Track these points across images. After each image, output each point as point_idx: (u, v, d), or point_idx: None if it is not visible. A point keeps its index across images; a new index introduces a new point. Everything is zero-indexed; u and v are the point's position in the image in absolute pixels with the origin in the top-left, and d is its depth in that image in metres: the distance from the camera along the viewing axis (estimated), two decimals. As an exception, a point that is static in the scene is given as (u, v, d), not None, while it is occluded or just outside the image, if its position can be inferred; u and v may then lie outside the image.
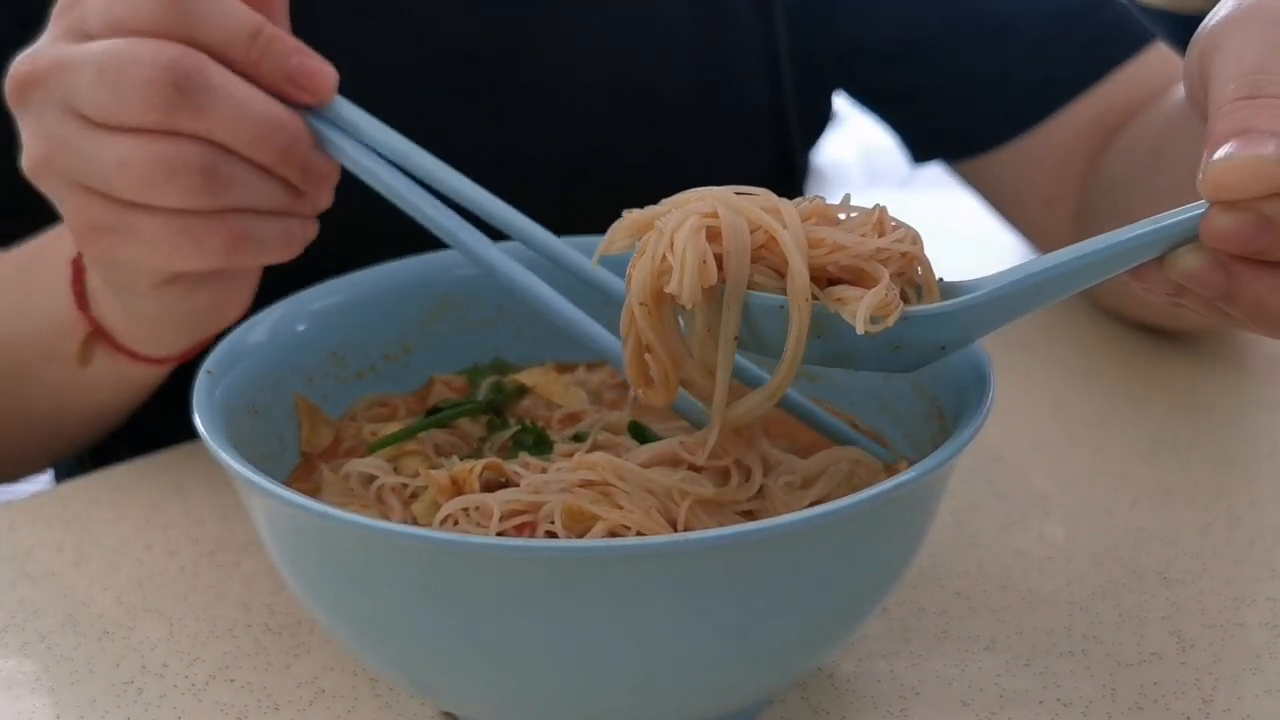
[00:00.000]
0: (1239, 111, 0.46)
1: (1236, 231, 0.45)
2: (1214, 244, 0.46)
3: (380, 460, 0.61)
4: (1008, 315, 0.52)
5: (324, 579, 0.53)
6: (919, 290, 0.53)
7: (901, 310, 0.50)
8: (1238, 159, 0.44)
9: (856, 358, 0.52)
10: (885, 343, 0.51)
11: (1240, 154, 0.44)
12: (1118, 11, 0.94)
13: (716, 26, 0.94)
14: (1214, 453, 0.80)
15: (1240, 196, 0.45)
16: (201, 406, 0.56)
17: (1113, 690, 0.61)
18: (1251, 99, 0.46)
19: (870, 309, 0.49)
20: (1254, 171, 0.44)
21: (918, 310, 0.51)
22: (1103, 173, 0.91)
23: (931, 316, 0.51)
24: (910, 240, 0.52)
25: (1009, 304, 0.51)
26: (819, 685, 0.61)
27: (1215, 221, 0.45)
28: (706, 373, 0.54)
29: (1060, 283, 0.50)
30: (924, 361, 0.53)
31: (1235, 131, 0.45)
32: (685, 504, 0.54)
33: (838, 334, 0.51)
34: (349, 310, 0.68)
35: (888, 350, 0.52)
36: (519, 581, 0.48)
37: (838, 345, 0.52)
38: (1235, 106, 0.46)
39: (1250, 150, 0.44)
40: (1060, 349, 0.93)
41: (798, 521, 0.47)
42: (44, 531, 0.73)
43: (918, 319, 0.51)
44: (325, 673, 0.63)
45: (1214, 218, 0.46)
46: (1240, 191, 0.45)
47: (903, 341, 0.51)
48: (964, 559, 0.70)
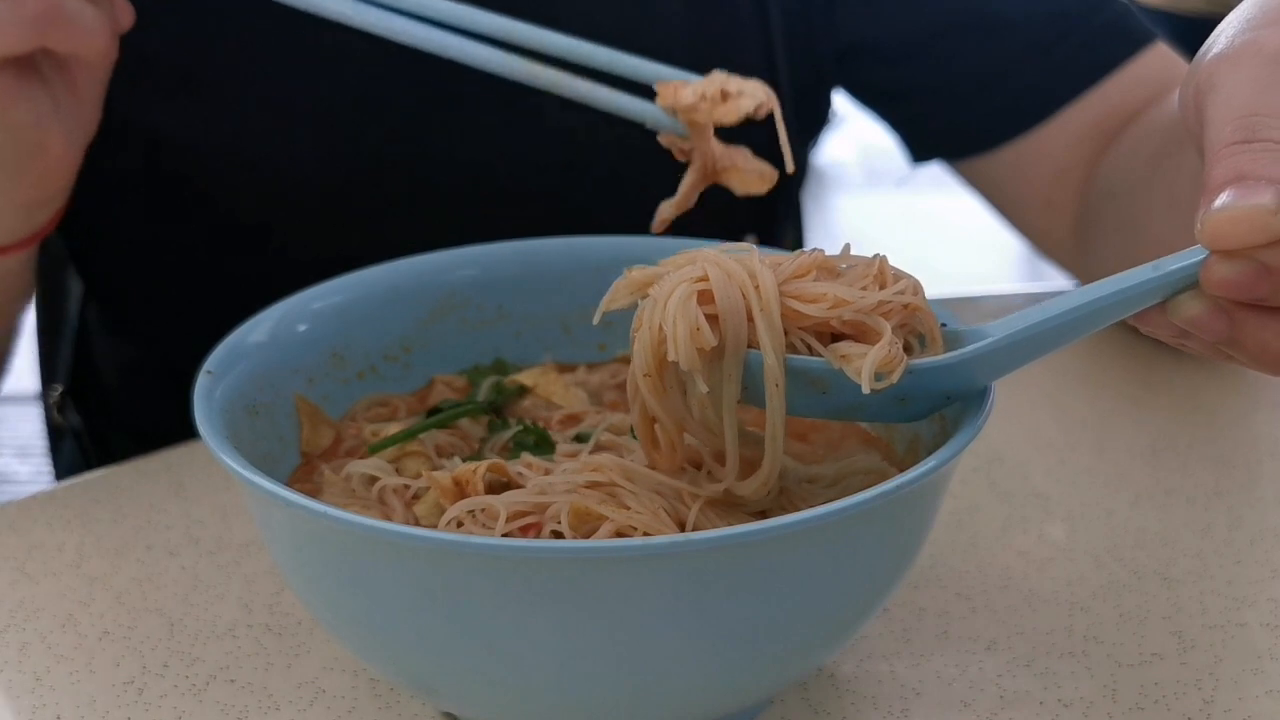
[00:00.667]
0: (1235, 156, 0.46)
1: (1236, 280, 0.45)
2: (1215, 291, 0.46)
3: (381, 461, 0.61)
4: (1012, 364, 0.52)
5: (325, 579, 0.53)
6: (922, 339, 0.53)
7: (906, 364, 0.50)
8: (1235, 209, 0.45)
9: (862, 411, 0.53)
10: (891, 397, 0.51)
11: (1237, 204, 0.45)
12: (1118, 11, 0.94)
13: (713, 25, 0.94)
14: (1215, 453, 0.80)
15: (1237, 246, 0.45)
16: (202, 406, 0.56)
17: (1113, 691, 0.61)
18: (1247, 143, 0.46)
19: (875, 366, 0.50)
20: (1251, 222, 0.44)
21: (922, 363, 0.51)
22: (1104, 174, 0.91)
23: (936, 369, 0.51)
24: (912, 291, 0.52)
25: (1012, 354, 0.51)
26: (820, 685, 0.61)
27: (1215, 270, 0.46)
28: (710, 432, 0.54)
29: (1063, 332, 0.51)
30: (931, 410, 0.53)
31: (1232, 178, 0.45)
32: (696, 506, 0.54)
33: (842, 389, 0.51)
34: (349, 310, 0.68)
35: (894, 403, 0.52)
36: (521, 582, 0.48)
37: (841, 400, 0.52)
38: (1231, 151, 0.46)
39: (1247, 200, 0.44)
40: (1061, 350, 0.93)
41: (799, 522, 0.47)
42: (44, 531, 0.73)
43: (922, 372, 0.51)
44: (325, 673, 0.63)
45: (1214, 266, 0.46)
46: (1239, 242, 0.45)
47: (908, 394, 0.51)
48: (965, 559, 0.70)
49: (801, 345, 0.52)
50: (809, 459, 0.63)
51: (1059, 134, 0.94)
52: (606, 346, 0.72)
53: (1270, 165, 0.45)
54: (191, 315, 0.91)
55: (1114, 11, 0.94)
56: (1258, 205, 0.44)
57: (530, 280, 0.70)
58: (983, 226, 1.34)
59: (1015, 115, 0.95)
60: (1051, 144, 0.94)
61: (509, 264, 0.71)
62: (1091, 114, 0.93)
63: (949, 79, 0.95)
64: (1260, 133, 0.46)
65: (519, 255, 0.71)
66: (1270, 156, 0.45)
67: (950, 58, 0.95)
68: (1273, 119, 0.46)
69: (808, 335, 0.52)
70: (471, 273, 0.70)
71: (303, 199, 0.89)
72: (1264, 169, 0.45)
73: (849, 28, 0.96)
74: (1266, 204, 0.44)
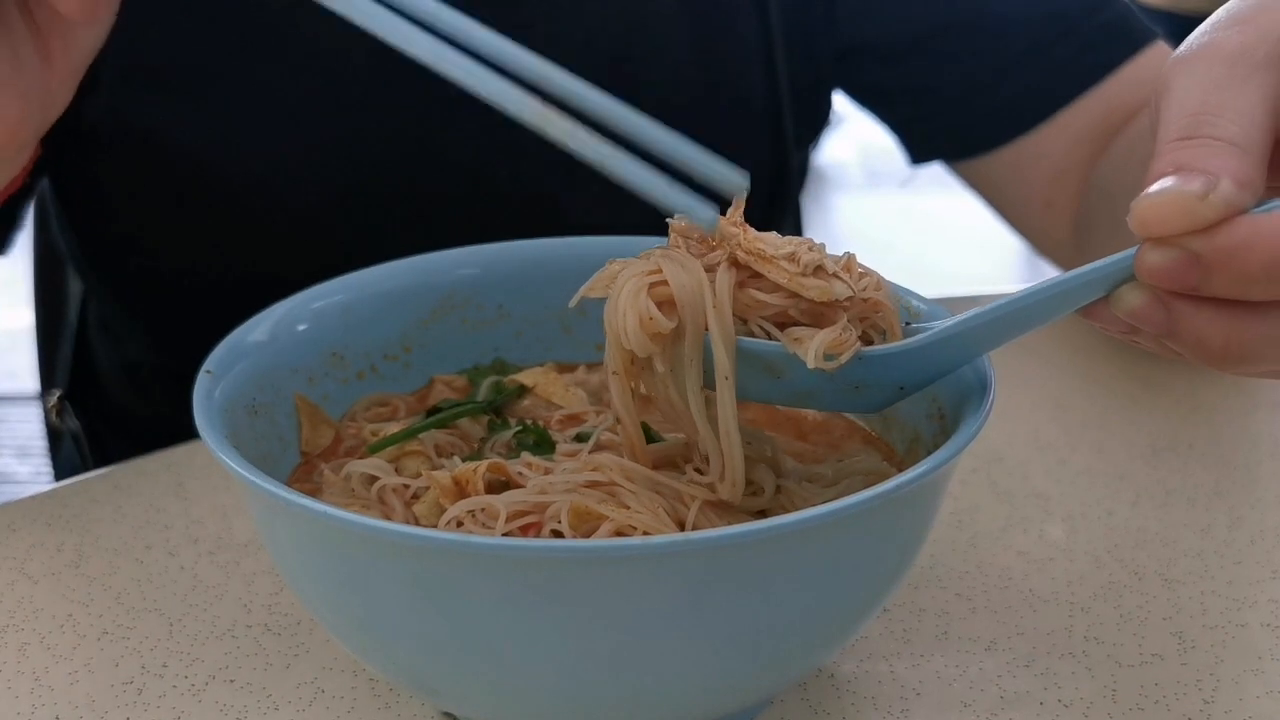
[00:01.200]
0: (1175, 151, 0.46)
1: (1166, 267, 0.46)
2: (1147, 279, 0.47)
3: (381, 461, 0.61)
4: (963, 355, 0.53)
5: (324, 579, 0.53)
6: (884, 334, 0.54)
7: (857, 350, 0.52)
8: (1163, 195, 0.45)
9: (818, 398, 0.54)
10: (845, 383, 0.53)
11: (1165, 189, 0.45)
12: (1117, 11, 0.94)
13: (711, 26, 0.94)
14: (1215, 453, 0.80)
15: (1165, 232, 0.45)
16: (201, 406, 0.56)
17: (1113, 691, 0.61)
18: (1189, 139, 0.46)
19: (823, 345, 0.51)
20: (1177, 206, 0.45)
21: (873, 350, 0.53)
22: (1102, 174, 0.91)
23: (887, 356, 0.53)
24: (874, 286, 0.54)
25: (962, 344, 0.52)
26: (819, 685, 0.61)
27: (1146, 257, 0.46)
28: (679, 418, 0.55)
29: (1010, 323, 0.51)
30: (886, 402, 0.55)
31: (1169, 171, 0.46)
32: (695, 505, 0.54)
33: (796, 373, 0.52)
34: (349, 310, 0.68)
35: (848, 390, 0.53)
36: (521, 582, 0.48)
37: (798, 385, 0.53)
38: (1173, 146, 0.47)
39: (1175, 187, 0.45)
40: (1061, 350, 0.93)
41: (799, 521, 0.47)
42: (44, 531, 0.73)
43: (874, 359, 0.53)
44: (325, 673, 0.63)
45: (1145, 253, 0.46)
46: (1165, 227, 0.45)
47: (862, 381, 0.53)
48: (964, 559, 0.70)
49: (760, 332, 0.53)
50: (809, 458, 0.63)
51: (1059, 134, 0.94)
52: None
53: (1207, 158, 0.45)
54: (191, 315, 0.91)
55: (1114, 11, 0.94)
56: (1185, 191, 0.45)
57: (530, 280, 0.70)
58: (982, 226, 1.34)
59: (1015, 116, 0.95)
60: (1051, 144, 0.94)
61: (509, 264, 0.71)
62: (1091, 114, 0.93)
63: (948, 80, 0.96)
64: (1202, 129, 0.46)
65: (519, 255, 0.71)
66: (1207, 150, 0.46)
67: (950, 59, 0.95)
68: (1216, 116, 0.46)
69: (767, 323, 0.53)
70: (472, 273, 0.70)
71: (303, 200, 0.89)
72: (1200, 161, 0.45)
73: (848, 28, 0.96)
74: (1194, 190, 0.45)
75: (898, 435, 0.65)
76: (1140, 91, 0.92)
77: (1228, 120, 0.46)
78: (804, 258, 0.52)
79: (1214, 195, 0.44)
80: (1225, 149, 0.46)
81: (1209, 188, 0.44)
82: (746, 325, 0.53)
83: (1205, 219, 0.44)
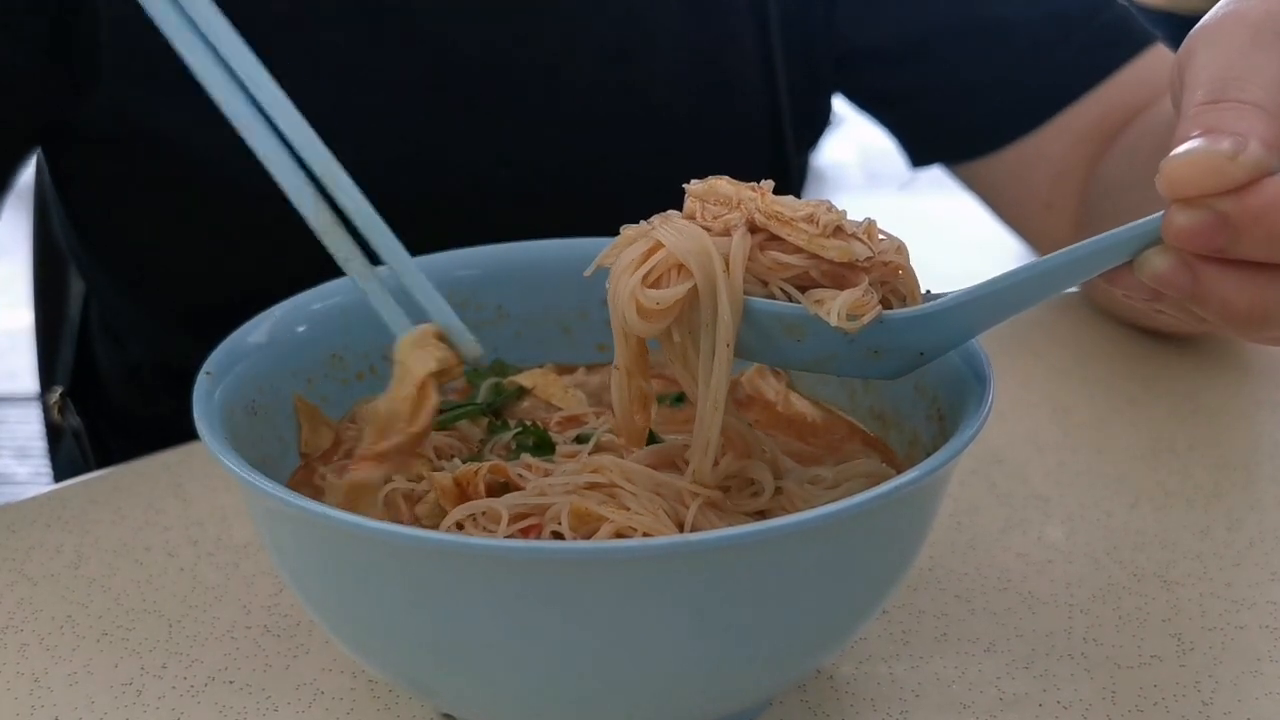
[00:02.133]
0: (1203, 115, 0.47)
1: (1194, 228, 0.45)
2: (1174, 242, 0.46)
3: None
4: (986, 320, 0.52)
5: (324, 581, 0.53)
6: (904, 300, 0.54)
7: (879, 313, 0.51)
8: (1192, 155, 0.45)
9: (838, 362, 0.53)
10: (865, 348, 0.52)
11: (1195, 149, 0.45)
12: (1117, 13, 0.94)
13: (712, 30, 0.94)
14: (1214, 455, 0.80)
15: (1195, 192, 0.45)
16: (201, 407, 0.56)
17: (1112, 693, 0.61)
18: (1216, 103, 0.47)
19: (846, 306, 0.51)
20: (1207, 166, 0.45)
21: (895, 313, 0.52)
22: (1103, 176, 0.91)
23: (908, 319, 0.52)
24: (895, 250, 0.53)
25: (985, 308, 0.52)
26: (818, 687, 0.61)
27: (1175, 219, 0.46)
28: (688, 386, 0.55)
29: (1034, 287, 0.51)
30: (905, 368, 0.54)
31: (1197, 132, 0.46)
32: (694, 506, 0.54)
33: (817, 337, 0.52)
34: (349, 311, 0.68)
35: (868, 355, 0.52)
36: (521, 583, 0.48)
37: (818, 349, 0.52)
38: (1200, 110, 0.47)
39: (1206, 147, 0.45)
40: (1060, 351, 0.93)
41: (799, 523, 0.47)
42: (43, 532, 0.73)
43: (895, 322, 0.52)
44: (324, 674, 0.63)
45: (1173, 215, 0.46)
46: (1194, 187, 0.45)
47: (882, 346, 0.52)
48: (964, 561, 0.70)
49: (781, 294, 0.53)
50: (810, 460, 0.63)
51: (1059, 136, 0.94)
52: (606, 347, 0.72)
53: (1235, 120, 0.46)
54: (193, 315, 0.91)
55: (1113, 14, 0.94)
56: (1215, 150, 0.45)
57: (529, 282, 0.70)
58: (982, 228, 1.34)
59: (1015, 118, 0.95)
60: (1051, 146, 0.94)
61: (508, 265, 0.71)
62: (1091, 116, 0.93)
63: (948, 83, 0.96)
64: (1229, 93, 0.47)
65: (518, 257, 0.71)
66: (1236, 113, 0.46)
67: (949, 61, 0.95)
68: (1243, 80, 0.47)
69: (789, 285, 0.53)
70: (471, 274, 0.70)
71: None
72: (1228, 124, 0.45)
73: (848, 32, 0.96)
74: (1224, 150, 0.45)
75: (897, 437, 0.65)
76: (1140, 93, 0.92)
77: (1254, 85, 0.46)
78: (823, 218, 0.51)
79: (1243, 156, 0.44)
80: (1253, 111, 0.46)
81: (1239, 148, 0.44)
82: (767, 287, 0.53)
83: (1235, 179, 0.44)
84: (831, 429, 0.67)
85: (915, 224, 0.49)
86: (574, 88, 0.91)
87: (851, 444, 0.66)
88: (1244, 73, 0.47)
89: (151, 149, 0.87)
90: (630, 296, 0.52)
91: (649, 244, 0.53)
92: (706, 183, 0.54)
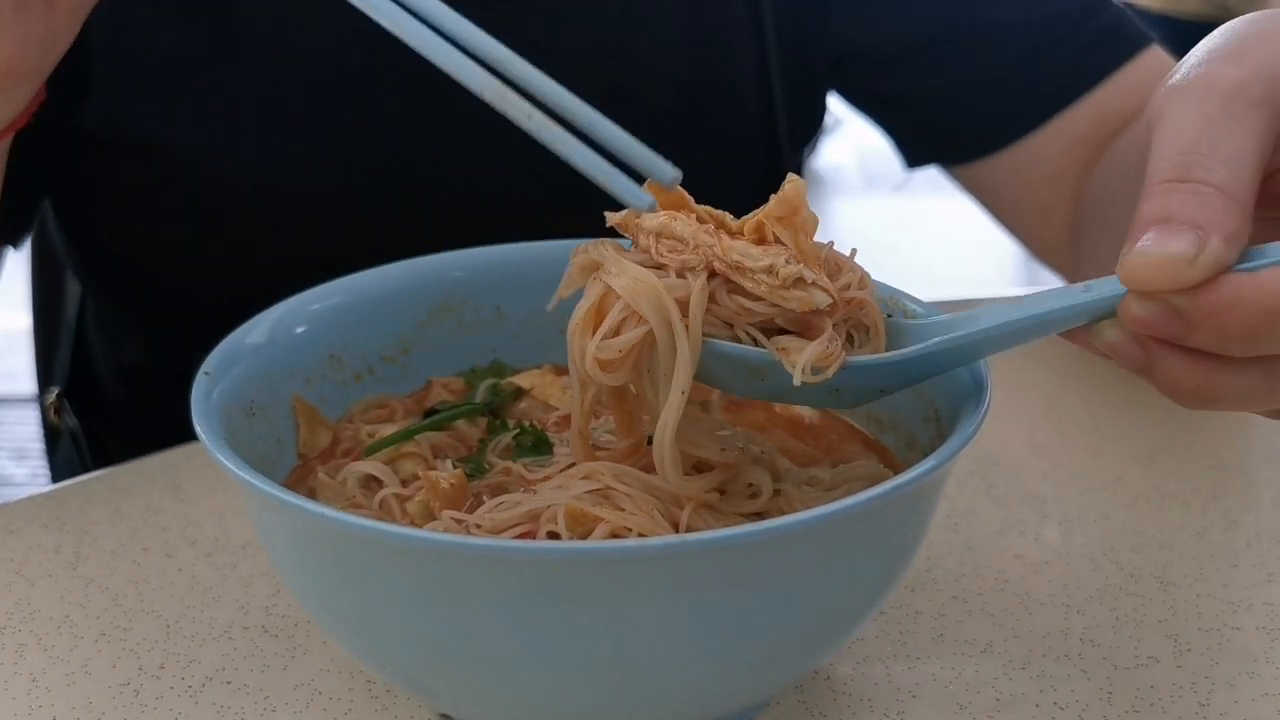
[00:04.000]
0: (1164, 195, 0.47)
1: (1149, 320, 0.47)
2: (1130, 327, 0.48)
3: (379, 464, 0.61)
4: (945, 366, 0.54)
5: (321, 581, 0.53)
6: (868, 331, 0.55)
7: (843, 361, 0.52)
8: (1150, 255, 0.46)
9: (798, 396, 0.54)
10: (825, 388, 0.53)
11: (1153, 250, 0.46)
12: (1113, 16, 0.94)
13: (707, 31, 0.94)
14: (1211, 457, 0.80)
15: (1151, 289, 0.46)
16: (199, 408, 0.56)
17: (1109, 694, 0.61)
18: (1179, 182, 0.47)
19: (810, 361, 0.52)
20: (1165, 268, 0.45)
21: (858, 361, 0.53)
22: (1098, 179, 0.91)
23: (870, 367, 0.53)
24: (858, 284, 0.54)
25: (945, 357, 0.53)
26: (816, 687, 0.61)
27: (1131, 308, 0.47)
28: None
29: (995, 342, 0.53)
30: (863, 401, 0.56)
31: (1157, 218, 0.46)
32: (689, 507, 0.54)
33: (779, 377, 0.53)
34: (347, 312, 0.68)
35: (828, 393, 0.54)
36: (517, 583, 0.48)
37: (779, 386, 0.53)
38: (1163, 189, 0.47)
39: (1163, 248, 0.45)
40: (1057, 353, 0.93)
41: (795, 523, 0.47)
42: (41, 532, 0.73)
43: (856, 368, 0.53)
44: (322, 675, 0.63)
45: (1130, 304, 0.47)
46: (1152, 286, 0.46)
47: (843, 386, 0.53)
48: (961, 562, 0.70)
49: (747, 338, 0.54)
50: (807, 461, 0.63)
51: (1055, 139, 0.94)
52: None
53: (1195, 208, 0.46)
54: (189, 318, 0.91)
55: (1109, 16, 0.94)
56: (1171, 253, 0.45)
57: (528, 282, 0.70)
58: (979, 230, 1.34)
59: (1011, 120, 0.95)
60: (1047, 148, 0.94)
61: (507, 266, 0.71)
62: (1087, 119, 0.93)
63: (944, 84, 0.96)
64: (1193, 173, 0.46)
65: (517, 257, 0.71)
66: (1197, 200, 0.46)
67: (945, 63, 0.95)
68: (1209, 159, 0.47)
69: (753, 329, 0.53)
70: (469, 275, 0.70)
71: (302, 202, 0.89)
72: (1189, 212, 0.46)
73: (844, 33, 0.96)
74: (1182, 252, 0.45)
75: (894, 439, 0.65)
76: (1136, 96, 0.92)
77: (1219, 163, 0.46)
78: (782, 270, 0.52)
79: (1202, 257, 0.45)
80: (1215, 197, 0.46)
81: (1197, 249, 0.45)
82: (732, 330, 0.54)
83: (1192, 280, 0.45)
84: (829, 431, 0.67)
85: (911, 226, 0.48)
86: (564, 84, 0.91)
87: (849, 446, 0.66)
88: (1210, 147, 0.47)
89: (143, 155, 0.87)
90: (591, 358, 0.53)
91: (600, 290, 0.53)
92: (660, 220, 0.54)
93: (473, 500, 0.58)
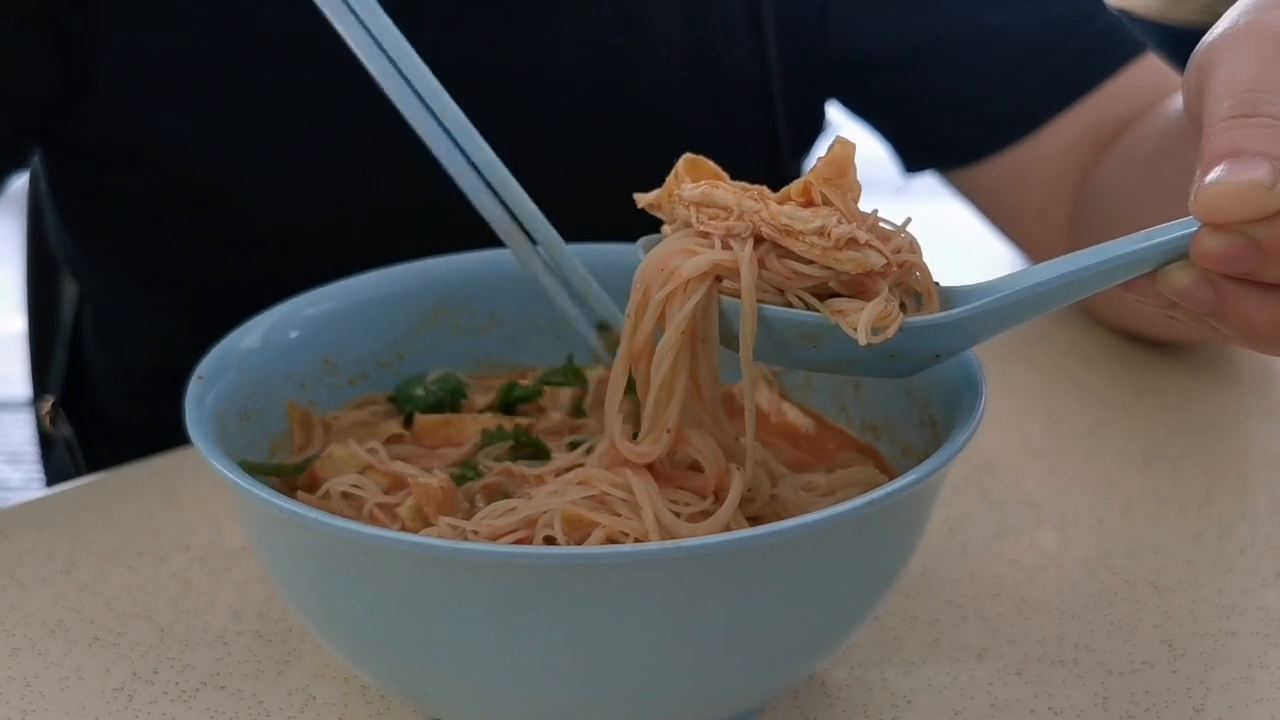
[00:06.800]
0: (1232, 130, 0.46)
1: (1225, 253, 0.46)
2: (1204, 264, 0.46)
3: (357, 475, 0.60)
4: (1003, 325, 0.52)
5: (315, 586, 0.53)
6: (918, 298, 0.53)
7: (901, 322, 0.51)
8: (1228, 183, 0.45)
9: (853, 366, 0.53)
10: (882, 352, 0.51)
11: (1231, 179, 0.45)
12: (1109, 21, 0.94)
13: (707, 35, 0.94)
14: (1206, 462, 0.80)
15: (1230, 220, 0.45)
16: (193, 412, 0.56)
17: (1104, 699, 0.61)
18: (1246, 117, 0.46)
19: (870, 321, 0.50)
20: (1244, 197, 0.45)
21: (916, 321, 0.51)
22: (1097, 183, 0.91)
23: (929, 327, 0.52)
24: (909, 249, 0.52)
25: (1005, 315, 0.52)
26: (810, 693, 0.61)
27: (1205, 242, 0.46)
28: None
29: (1056, 295, 0.51)
30: (919, 368, 0.54)
31: (1228, 151, 0.46)
32: (685, 512, 0.54)
33: (835, 344, 0.51)
34: (341, 316, 0.68)
35: (884, 359, 0.52)
36: (512, 588, 0.48)
37: (834, 354, 0.52)
38: (1229, 125, 0.46)
39: (1241, 175, 0.45)
40: (1053, 358, 0.93)
41: (790, 529, 0.47)
42: (34, 537, 0.73)
43: (915, 330, 0.51)
44: (316, 680, 0.63)
45: (1204, 238, 0.46)
46: (1230, 215, 0.45)
47: (900, 350, 0.52)
48: (956, 567, 0.70)
49: (799, 303, 0.52)
50: (803, 467, 0.63)
51: (1051, 143, 0.94)
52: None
53: (1267, 141, 0.45)
54: (190, 318, 0.91)
55: (1105, 22, 0.94)
56: (1252, 180, 0.44)
57: (522, 286, 0.70)
58: (976, 236, 1.34)
59: (1008, 124, 0.95)
60: (1044, 153, 0.94)
61: (502, 270, 0.71)
62: (1084, 123, 0.93)
63: (942, 89, 0.96)
64: (1260, 108, 0.46)
65: (511, 261, 0.71)
66: (1268, 133, 0.46)
67: (943, 68, 0.95)
68: (1273, 95, 0.46)
69: (806, 294, 0.52)
70: (464, 279, 0.70)
71: (301, 205, 0.89)
72: (1261, 144, 0.45)
73: (843, 38, 0.96)
74: (1261, 179, 0.44)
75: (889, 445, 0.65)
76: (1133, 101, 0.92)
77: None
78: (834, 231, 0.50)
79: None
80: None
81: (1275, 176, 0.44)
82: (784, 295, 0.52)
83: (1272, 208, 0.44)
84: (824, 438, 0.67)
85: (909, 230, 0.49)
86: (566, 91, 0.91)
87: (845, 453, 0.66)
88: (1271, 85, 0.47)
89: (150, 154, 0.87)
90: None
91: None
92: (700, 190, 0.54)
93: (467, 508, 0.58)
